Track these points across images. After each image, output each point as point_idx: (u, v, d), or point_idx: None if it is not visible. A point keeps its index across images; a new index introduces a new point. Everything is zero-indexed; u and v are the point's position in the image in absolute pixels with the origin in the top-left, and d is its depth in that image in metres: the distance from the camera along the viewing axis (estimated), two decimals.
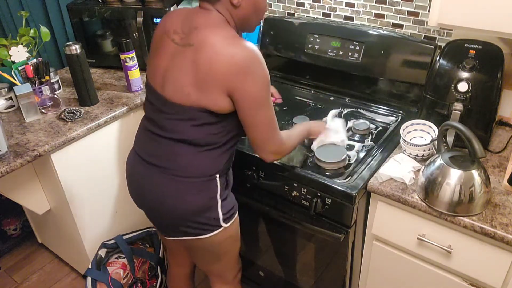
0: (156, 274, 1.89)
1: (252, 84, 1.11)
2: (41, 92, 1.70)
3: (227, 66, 1.09)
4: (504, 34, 1.17)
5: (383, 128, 1.60)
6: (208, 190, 1.24)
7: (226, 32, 1.14)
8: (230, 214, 1.31)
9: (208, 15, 1.16)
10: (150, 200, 1.30)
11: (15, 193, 1.72)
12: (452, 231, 1.21)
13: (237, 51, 1.10)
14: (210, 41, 1.11)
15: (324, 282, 1.61)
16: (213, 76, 1.10)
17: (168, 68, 1.19)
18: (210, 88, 1.12)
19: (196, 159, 1.21)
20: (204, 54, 1.11)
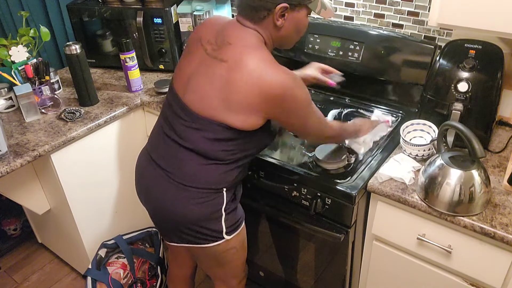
0: (156, 274, 1.89)
1: (292, 109, 1.13)
2: (41, 92, 1.70)
3: (261, 92, 1.08)
4: (504, 34, 1.17)
5: None
6: (213, 202, 1.23)
7: (263, 55, 1.12)
8: (234, 227, 1.29)
9: (246, 33, 1.14)
10: (154, 202, 1.29)
11: (15, 193, 1.72)
12: (452, 231, 1.21)
13: (272, 76, 1.08)
14: (244, 62, 1.09)
15: (324, 282, 1.61)
16: (244, 99, 1.10)
17: (193, 75, 1.18)
18: (240, 109, 1.11)
19: (203, 170, 1.20)
20: (240, 75, 1.09)
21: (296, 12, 1.14)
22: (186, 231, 1.25)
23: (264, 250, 1.74)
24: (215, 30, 1.18)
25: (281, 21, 1.13)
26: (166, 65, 1.98)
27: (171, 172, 1.22)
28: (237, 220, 1.31)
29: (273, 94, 1.09)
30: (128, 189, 1.94)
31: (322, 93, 1.81)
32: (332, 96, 1.79)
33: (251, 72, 1.08)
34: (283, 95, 1.09)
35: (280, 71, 1.10)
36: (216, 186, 1.22)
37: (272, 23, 1.13)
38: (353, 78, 1.72)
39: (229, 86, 1.10)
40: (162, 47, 1.92)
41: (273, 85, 1.08)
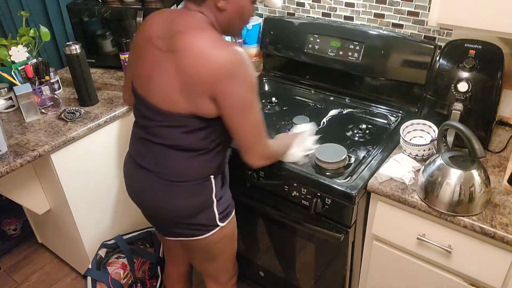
0: (156, 274, 1.89)
1: (237, 88, 1.08)
2: (41, 92, 1.70)
3: (211, 70, 1.06)
4: (504, 34, 1.17)
5: (383, 128, 1.60)
6: (203, 192, 1.25)
7: (209, 35, 1.10)
8: (226, 213, 1.31)
9: (193, 17, 1.13)
10: (147, 203, 1.31)
11: (15, 193, 1.72)
12: (452, 231, 1.21)
13: (221, 53, 1.07)
14: (193, 46, 1.08)
15: (324, 282, 1.61)
16: (197, 81, 1.08)
17: (153, 75, 1.17)
18: (196, 94, 1.10)
19: (189, 164, 1.21)
20: (188, 59, 1.08)
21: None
22: (182, 226, 1.27)
23: (264, 250, 1.74)
24: (163, 24, 1.17)
25: (223, 3, 1.11)
26: None
27: (158, 171, 1.23)
28: (228, 205, 1.32)
29: (219, 71, 1.06)
30: None
31: (322, 93, 1.81)
32: (332, 96, 1.79)
33: (197, 54, 1.07)
34: (229, 71, 1.06)
35: (228, 48, 1.08)
36: (202, 176, 1.23)
37: (214, 5, 1.12)
38: (353, 78, 1.72)
39: (182, 74, 1.10)
40: None
41: (220, 62, 1.06)
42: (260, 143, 1.17)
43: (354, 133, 1.57)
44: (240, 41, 1.96)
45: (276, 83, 1.93)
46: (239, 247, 1.82)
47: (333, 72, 1.75)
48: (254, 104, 1.13)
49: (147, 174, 1.26)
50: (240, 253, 1.83)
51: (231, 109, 1.11)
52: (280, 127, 1.65)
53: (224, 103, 1.10)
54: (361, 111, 1.70)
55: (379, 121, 1.64)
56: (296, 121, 1.61)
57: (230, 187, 1.43)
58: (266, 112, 1.76)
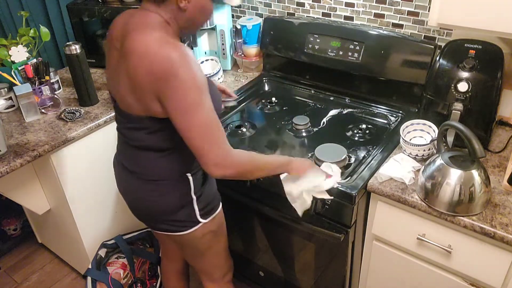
0: (156, 274, 1.89)
1: (178, 87, 1.03)
2: (41, 92, 1.70)
3: (150, 69, 1.03)
4: (504, 34, 1.17)
5: (383, 128, 1.60)
6: (180, 190, 1.25)
7: (155, 34, 1.06)
8: (208, 209, 1.31)
9: (145, 17, 1.10)
10: (130, 201, 1.34)
11: (15, 193, 1.72)
12: (452, 231, 1.21)
13: (161, 53, 1.03)
14: (136, 45, 1.06)
15: (324, 282, 1.61)
16: (141, 82, 1.06)
17: (114, 76, 1.17)
18: (143, 95, 1.08)
19: (162, 163, 1.21)
20: (132, 60, 1.06)
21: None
22: (165, 221, 1.29)
23: (264, 250, 1.74)
24: (122, 24, 1.15)
25: (184, 3, 1.09)
26: None
27: (136, 171, 1.26)
28: (210, 202, 1.31)
29: (158, 70, 1.02)
30: None
31: (322, 93, 1.81)
32: (332, 96, 1.79)
33: (139, 55, 1.04)
34: (167, 70, 1.02)
35: (170, 46, 1.04)
36: (178, 174, 1.23)
37: (175, 5, 1.09)
38: (353, 78, 1.72)
39: (129, 76, 1.08)
40: None
41: (159, 61, 1.02)
42: (212, 149, 1.08)
43: (354, 133, 1.57)
44: (240, 41, 1.96)
45: (276, 83, 1.93)
46: (239, 247, 1.82)
47: (333, 72, 1.75)
48: (200, 105, 1.05)
49: (127, 173, 1.29)
50: (240, 253, 1.83)
51: (173, 111, 1.06)
52: (280, 127, 1.65)
53: (166, 104, 1.06)
54: (361, 111, 1.70)
55: (379, 121, 1.64)
56: (296, 121, 1.61)
57: (230, 187, 1.43)
58: (266, 112, 1.76)
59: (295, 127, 1.61)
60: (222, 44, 1.99)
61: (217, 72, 1.82)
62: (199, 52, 2.03)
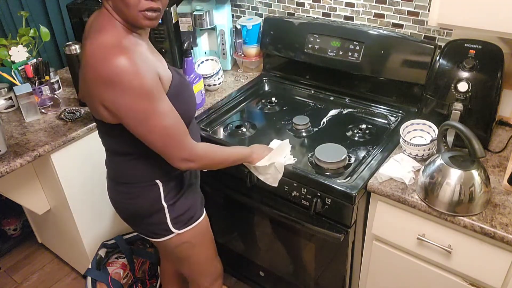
0: (156, 274, 1.89)
1: (123, 97, 1.00)
2: (41, 92, 1.70)
3: (94, 79, 1.01)
4: (504, 34, 1.17)
5: (383, 128, 1.60)
6: (149, 195, 1.24)
7: (101, 38, 1.02)
8: (183, 219, 1.28)
9: (98, 17, 1.08)
10: (112, 204, 1.35)
11: (15, 193, 1.72)
12: (452, 231, 1.21)
13: (104, 60, 0.98)
14: (86, 54, 1.03)
15: (324, 282, 1.61)
16: (88, 89, 1.05)
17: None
18: (92, 103, 1.08)
19: (129, 167, 1.21)
20: (83, 68, 1.05)
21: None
22: (140, 225, 1.31)
23: (264, 250, 1.74)
24: (88, 28, 1.11)
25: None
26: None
27: (110, 174, 1.29)
28: (185, 212, 1.28)
29: (100, 78, 0.99)
30: None
31: (322, 93, 1.81)
32: (332, 96, 1.79)
33: (87, 63, 1.02)
34: (110, 79, 0.98)
35: (114, 52, 0.99)
36: (146, 179, 1.22)
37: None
38: (353, 78, 1.72)
39: (83, 83, 1.08)
40: (162, 47, 1.92)
41: (102, 68, 0.98)
42: (176, 148, 1.10)
43: (354, 133, 1.57)
44: (240, 41, 1.96)
45: (276, 83, 1.93)
46: (239, 247, 1.82)
47: (333, 72, 1.75)
48: (153, 112, 1.04)
49: (108, 177, 1.31)
50: (240, 253, 1.83)
51: (127, 120, 1.05)
52: (280, 127, 1.65)
53: (117, 114, 1.04)
54: (361, 111, 1.70)
55: (379, 121, 1.64)
56: (296, 121, 1.61)
57: (229, 187, 1.43)
58: (266, 112, 1.76)
59: (295, 127, 1.61)
60: (222, 44, 1.99)
61: (217, 72, 1.83)
62: (199, 52, 2.03)
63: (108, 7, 1.05)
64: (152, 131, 1.06)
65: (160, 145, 1.09)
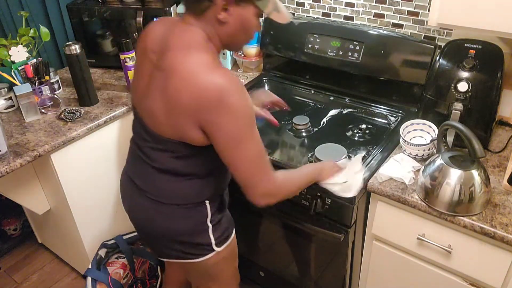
0: (156, 274, 1.89)
1: (228, 119, 0.97)
2: (41, 92, 1.70)
3: (196, 97, 0.97)
4: (504, 34, 1.17)
5: (383, 128, 1.60)
6: (196, 217, 1.19)
7: (201, 56, 1.00)
8: (224, 237, 1.25)
9: (186, 32, 1.04)
10: (139, 221, 1.27)
11: (15, 193, 1.72)
12: (452, 231, 1.21)
13: (210, 79, 0.96)
14: (179, 68, 0.99)
15: (324, 282, 1.61)
16: (180, 108, 0.99)
17: (145, 92, 1.09)
18: (181, 121, 1.01)
19: (180, 188, 1.15)
20: (173, 81, 0.99)
21: (241, 8, 1.02)
22: (175, 248, 1.22)
23: (264, 250, 1.74)
24: (160, 36, 1.08)
25: (224, 16, 1.01)
26: None
27: (149, 191, 1.19)
28: (225, 229, 1.26)
29: (206, 99, 0.96)
30: None
31: (322, 93, 1.81)
32: (332, 96, 1.79)
33: (184, 78, 0.98)
34: (218, 100, 0.95)
35: (218, 73, 0.97)
36: (196, 200, 1.17)
37: (214, 17, 1.02)
38: (353, 78, 1.72)
39: (167, 97, 1.01)
40: None
41: (207, 89, 0.95)
42: (262, 180, 1.05)
43: (354, 133, 1.57)
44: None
45: (276, 83, 1.93)
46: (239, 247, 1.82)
47: (333, 72, 1.75)
48: (250, 137, 1.01)
49: (138, 192, 1.21)
50: (240, 253, 1.82)
51: (222, 142, 1.01)
52: (280, 127, 1.65)
53: (213, 135, 1.01)
54: (361, 111, 1.70)
55: (379, 121, 1.64)
56: (296, 121, 1.61)
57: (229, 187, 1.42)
58: None
59: (295, 127, 1.61)
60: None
61: None
62: None
63: (200, 25, 1.03)
64: (242, 156, 1.02)
65: (245, 172, 1.04)
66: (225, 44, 1.09)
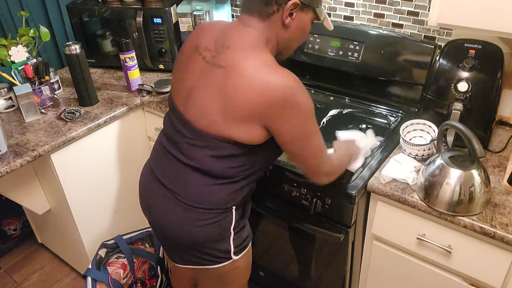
0: (156, 274, 1.89)
1: (293, 117, 1.02)
2: (41, 92, 1.70)
3: (261, 97, 0.99)
4: (504, 34, 1.17)
5: (383, 128, 1.60)
6: (222, 222, 1.17)
7: (261, 56, 1.04)
8: (243, 246, 1.24)
9: (246, 33, 1.06)
10: (159, 221, 1.22)
11: (15, 193, 1.72)
12: (452, 231, 1.21)
13: (273, 79, 0.99)
14: (241, 66, 1.01)
15: (324, 282, 1.61)
16: (244, 106, 1.01)
17: (195, 88, 1.09)
18: (241, 118, 1.03)
19: (212, 191, 1.13)
20: (234, 80, 1.01)
21: (304, 14, 1.09)
22: (192, 253, 1.20)
23: (264, 250, 1.74)
24: (214, 35, 1.10)
25: (289, 20, 1.06)
26: (166, 65, 1.98)
27: (176, 192, 1.16)
28: (245, 238, 1.25)
29: (273, 98, 0.99)
30: (128, 189, 1.94)
31: (322, 93, 1.81)
32: (332, 96, 1.79)
33: (248, 76, 1.00)
34: (285, 99, 1.00)
35: (282, 73, 1.02)
36: (225, 206, 1.16)
37: (280, 21, 1.06)
38: (353, 78, 1.72)
39: (227, 95, 1.02)
40: (162, 47, 1.92)
41: (274, 88, 0.99)
42: (324, 164, 1.15)
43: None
44: None
45: None
46: None
47: (333, 72, 1.75)
48: (313, 131, 1.09)
49: (163, 191, 1.18)
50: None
51: (290, 138, 1.06)
52: None
53: (280, 132, 1.05)
54: (361, 111, 1.69)
55: (379, 121, 1.64)
56: None
57: None
58: None
59: None
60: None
61: None
62: None
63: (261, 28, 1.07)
64: (309, 148, 1.09)
65: (311, 161, 1.12)
66: (281, 48, 1.15)
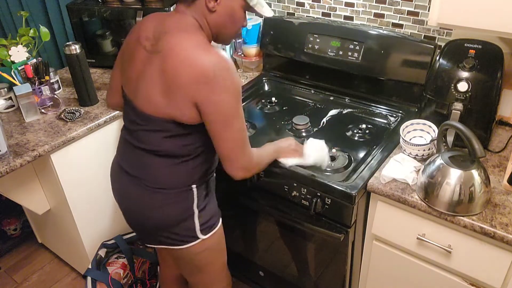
0: (156, 274, 1.89)
1: (220, 95, 1.05)
2: (41, 92, 1.70)
3: (192, 75, 1.04)
4: (504, 34, 1.17)
5: (383, 128, 1.60)
6: (184, 201, 1.22)
7: (194, 38, 1.08)
8: (209, 224, 1.27)
9: (180, 19, 1.12)
10: (127, 207, 1.30)
11: (15, 193, 1.72)
12: (452, 231, 1.21)
13: (206, 58, 1.04)
14: (176, 48, 1.06)
15: (324, 282, 1.61)
16: (178, 85, 1.06)
17: (139, 77, 1.15)
18: (176, 98, 1.07)
19: (170, 171, 1.19)
20: (170, 61, 1.06)
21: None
22: (160, 233, 1.25)
23: (264, 250, 1.74)
24: (153, 26, 1.15)
25: (213, 4, 1.10)
26: None
27: (141, 177, 1.22)
28: (211, 217, 1.28)
29: (201, 73, 1.03)
30: None
31: (321, 93, 1.81)
32: (332, 96, 1.79)
33: (181, 56, 1.05)
34: (213, 75, 1.03)
35: (214, 52, 1.06)
36: (184, 185, 1.21)
37: (204, 5, 1.10)
38: (353, 78, 1.72)
39: (165, 76, 1.07)
40: None
41: (203, 64, 1.03)
42: (243, 154, 1.14)
43: (354, 133, 1.57)
44: (239, 41, 1.96)
45: (276, 83, 1.93)
46: (239, 247, 1.82)
47: (333, 72, 1.75)
48: (238, 114, 1.10)
49: (129, 179, 1.25)
50: (240, 253, 1.83)
51: (214, 117, 1.08)
52: (280, 127, 1.65)
53: (206, 110, 1.07)
54: (361, 111, 1.70)
55: (379, 121, 1.64)
56: (296, 121, 1.61)
57: (229, 187, 1.43)
58: (266, 112, 1.76)
59: (295, 127, 1.61)
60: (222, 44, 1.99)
61: None
62: None
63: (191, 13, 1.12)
64: (229, 131, 1.10)
65: (230, 146, 1.12)
66: (214, 34, 1.18)
